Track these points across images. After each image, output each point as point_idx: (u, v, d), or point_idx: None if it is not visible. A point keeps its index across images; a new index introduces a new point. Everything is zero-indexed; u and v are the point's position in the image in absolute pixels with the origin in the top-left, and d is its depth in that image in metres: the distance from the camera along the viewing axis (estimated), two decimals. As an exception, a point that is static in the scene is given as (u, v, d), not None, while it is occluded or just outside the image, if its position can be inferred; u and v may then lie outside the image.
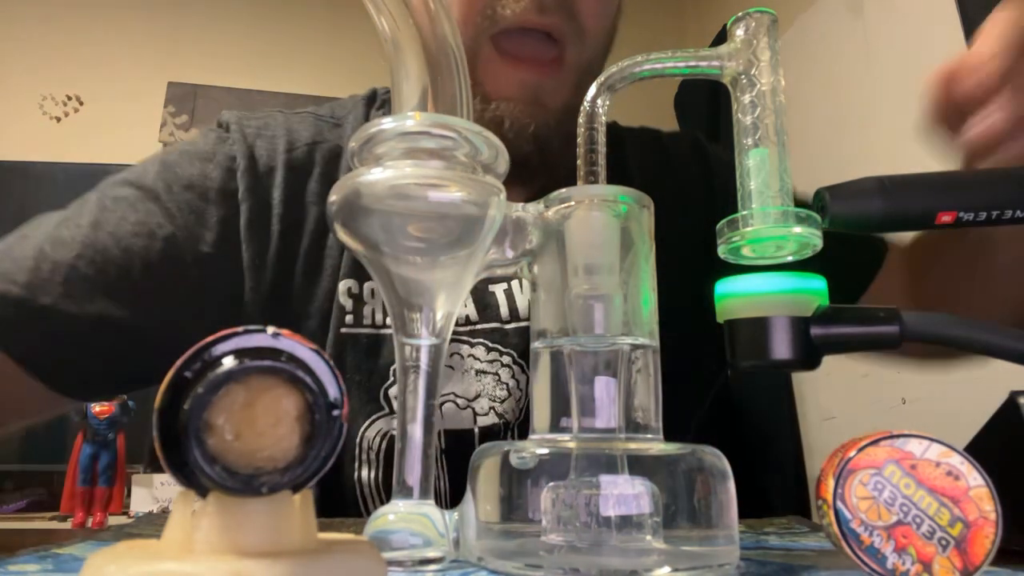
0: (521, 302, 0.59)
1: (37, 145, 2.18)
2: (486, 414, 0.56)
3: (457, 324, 0.57)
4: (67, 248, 0.52)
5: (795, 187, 0.31)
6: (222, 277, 0.56)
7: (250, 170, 0.58)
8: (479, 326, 0.59)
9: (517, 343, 0.58)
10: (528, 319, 0.56)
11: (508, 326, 0.59)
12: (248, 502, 0.17)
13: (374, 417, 0.57)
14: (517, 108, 0.54)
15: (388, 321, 0.55)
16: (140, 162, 0.60)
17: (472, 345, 0.58)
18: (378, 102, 0.65)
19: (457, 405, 0.56)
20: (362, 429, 0.57)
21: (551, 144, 0.55)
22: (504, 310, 0.59)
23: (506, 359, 0.58)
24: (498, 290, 0.60)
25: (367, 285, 0.59)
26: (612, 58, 0.31)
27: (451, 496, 0.55)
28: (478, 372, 0.57)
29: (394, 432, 0.56)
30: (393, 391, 0.57)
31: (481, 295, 0.60)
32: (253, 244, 0.57)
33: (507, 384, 0.57)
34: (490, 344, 0.58)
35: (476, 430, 0.57)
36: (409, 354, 0.28)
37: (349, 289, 0.59)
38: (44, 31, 2.27)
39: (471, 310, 0.59)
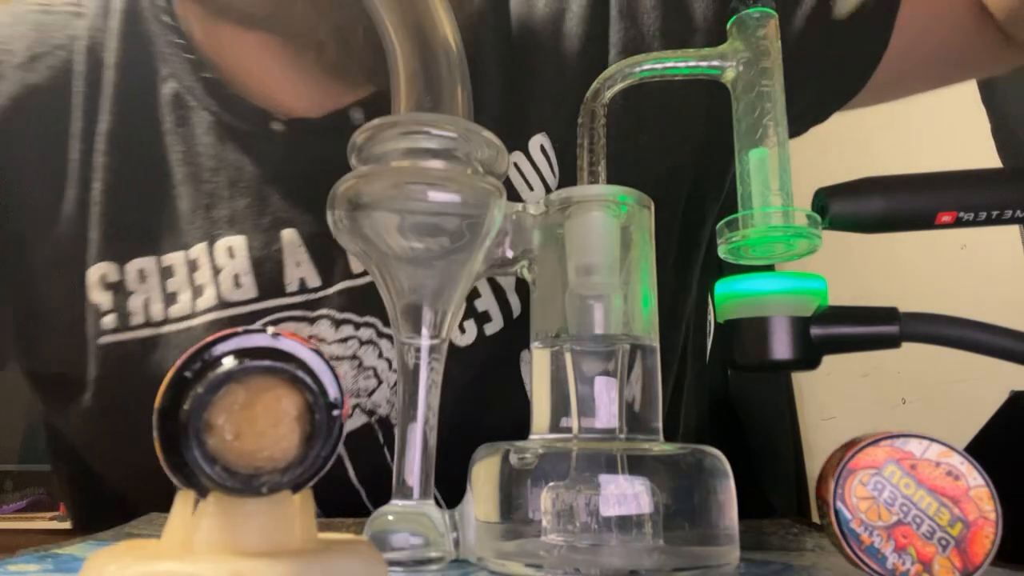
0: None
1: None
2: (350, 416, 0.43)
3: (286, 295, 0.43)
4: None
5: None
6: None
7: None
8: (320, 293, 0.43)
9: (381, 304, 0.42)
10: None
11: (362, 280, 0.44)
12: (248, 502, 0.17)
13: None
14: None
15: (175, 311, 0.43)
16: None
17: (312, 322, 0.43)
18: None
19: None
20: None
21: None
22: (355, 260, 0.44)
23: (366, 333, 0.43)
24: None
25: (134, 264, 0.44)
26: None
27: None
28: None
29: None
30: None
31: (322, 244, 0.44)
32: None
33: (373, 368, 0.43)
34: (338, 316, 0.43)
35: (342, 450, 0.43)
36: (409, 354, 0.28)
37: (104, 277, 0.43)
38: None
39: (306, 271, 0.43)
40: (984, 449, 0.25)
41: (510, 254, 0.30)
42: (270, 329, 0.18)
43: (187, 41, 0.47)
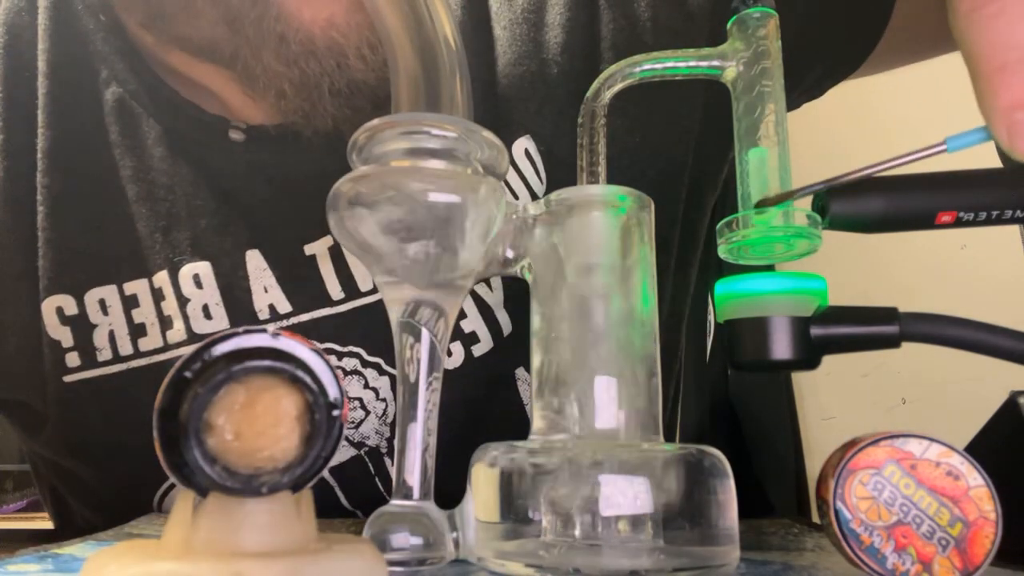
0: (359, 266, 0.41)
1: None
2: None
3: (259, 323, 0.41)
4: None
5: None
6: None
7: None
8: (292, 319, 0.41)
9: (365, 332, 0.41)
10: (375, 289, 0.41)
11: (343, 307, 0.41)
12: (248, 502, 0.17)
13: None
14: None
15: (144, 344, 0.41)
16: None
17: None
18: None
19: None
20: None
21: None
22: (332, 283, 0.41)
23: (350, 363, 0.41)
24: (319, 252, 0.41)
25: (93, 295, 0.41)
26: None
27: None
28: None
29: None
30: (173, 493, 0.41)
31: (290, 265, 0.41)
32: None
33: (359, 399, 0.42)
34: (318, 346, 0.41)
35: (332, 481, 0.42)
36: (408, 354, 0.28)
37: (60, 310, 0.40)
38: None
39: (275, 296, 0.41)
40: (984, 449, 0.25)
41: (510, 254, 0.30)
42: (270, 328, 0.18)
43: (128, 41, 0.42)
